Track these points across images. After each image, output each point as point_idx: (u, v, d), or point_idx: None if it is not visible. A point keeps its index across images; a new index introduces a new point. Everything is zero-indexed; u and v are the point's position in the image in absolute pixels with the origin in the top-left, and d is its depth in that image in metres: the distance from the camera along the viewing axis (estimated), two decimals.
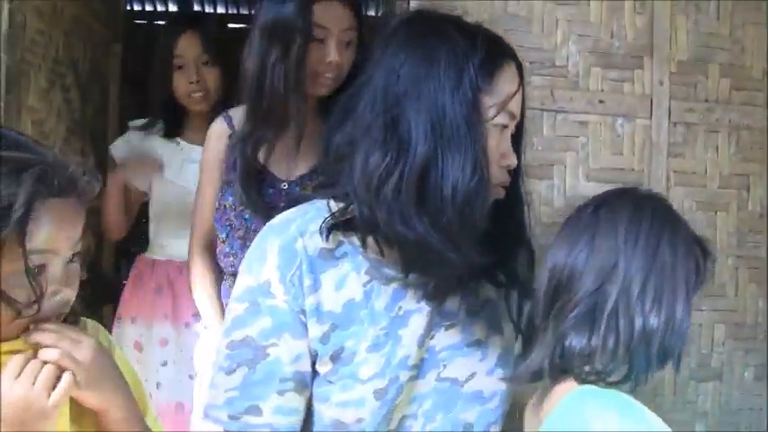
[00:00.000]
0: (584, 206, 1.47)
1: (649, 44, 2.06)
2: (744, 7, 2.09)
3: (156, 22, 4.90)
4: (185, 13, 4.20)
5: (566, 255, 1.40)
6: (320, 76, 1.96)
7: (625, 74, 2.06)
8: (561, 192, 2.05)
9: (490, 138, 1.34)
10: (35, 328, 1.22)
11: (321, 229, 1.37)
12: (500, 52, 1.38)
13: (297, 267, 1.36)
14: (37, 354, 1.21)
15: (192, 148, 2.60)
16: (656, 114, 2.07)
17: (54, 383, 1.20)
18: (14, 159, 1.19)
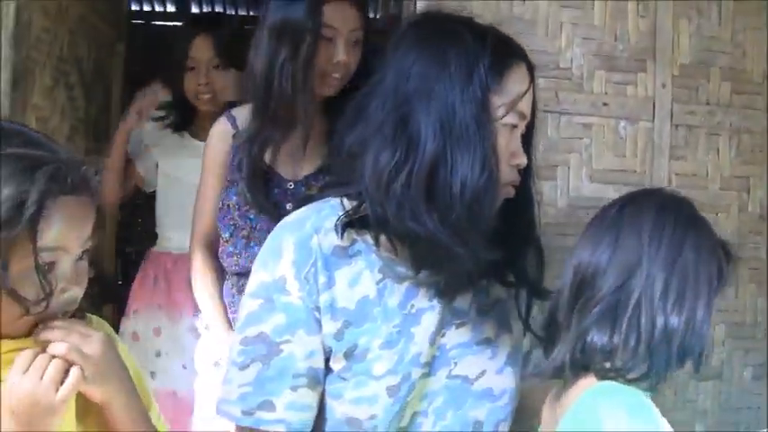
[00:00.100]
0: (609, 206, 1.49)
1: (652, 48, 2.09)
2: (745, 12, 2.13)
3: (158, 23, 4.91)
4: (203, 16, 4.25)
5: (590, 253, 1.42)
6: (328, 76, 1.98)
7: (628, 77, 2.09)
8: (564, 192, 2.07)
9: (500, 137, 1.36)
10: (44, 326, 1.23)
11: (336, 227, 1.39)
12: (510, 52, 1.40)
13: (312, 264, 1.37)
14: (45, 349, 1.22)
15: (197, 145, 2.62)
16: (659, 117, 2.10)
17: (62, 378, 1.20)
18: (28, 156, 1.19)
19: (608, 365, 1.36)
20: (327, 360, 1.40)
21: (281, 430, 1.36)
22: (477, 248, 1.33)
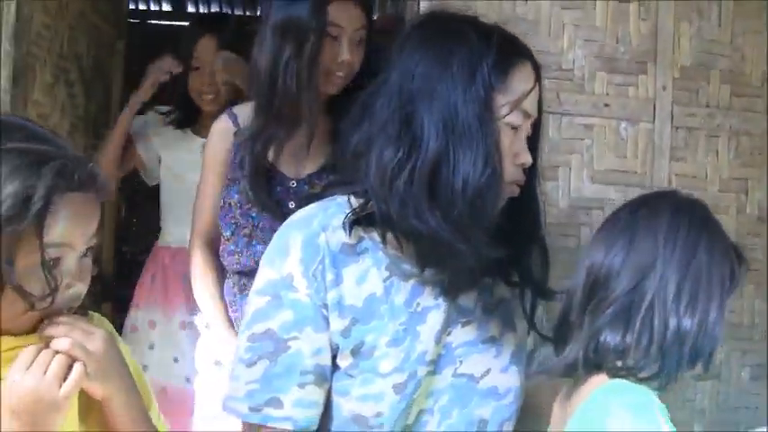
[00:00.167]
0: (623, 207, 1.51)
1: (653, 50, 2.10)
2: (745, 16, 2.14)
3: (159, 22, 4.92)
4: (208, 16, 4.30)
5: (604, 254, 1.43)
6: (332, 75, 1.98)
7: (629, 78, 2.10)
8: (566, 193, 2.08)
9: (503, 135, 1.37)
10: (49, 323, 1.22)
11: (344, 224, 1.39)
12: (515, 51, 1.41)
13: (320, 262, 1.38)
14: (48, 345, 1.21)
15: (200, 142, 2.64)
16: (659, 118, 2.11)
17: (65, 374, 1.20)
18: (34, 151, 1.19)
19: (620, 364, 1.37)
20: (334, 357, 1.40)
21: (288, 427, 1.37)
22: (479, 246, 1.34)
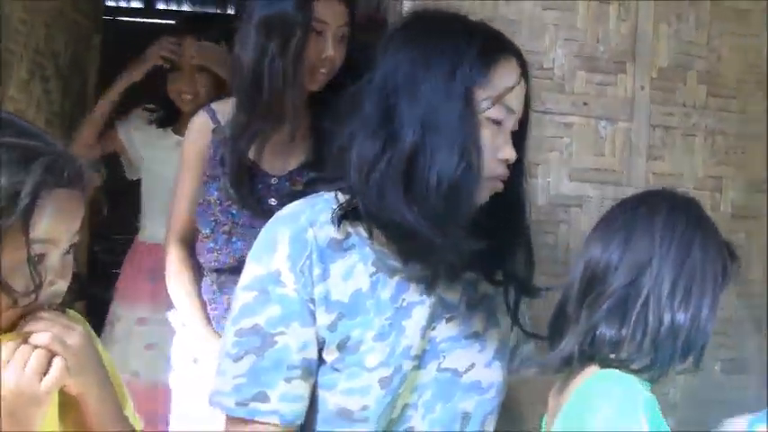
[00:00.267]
0: (621, 204, 1.55)
1: (632, 50, 2.13)
2: (721, 18, 2.18)
3: (136, 19, 4.90)
4: (191, 17, 4.31)
5: (601, 250, 1.47)
6: (315, 71, 1.98)
7: (608, 78, 2.13)
8: (545, 190, 2.10)
9: (485, 130, 1.38)
10: (32, 318, 1.22)
11: (332, 219, 1.40)
12: (498, 48, 1.42)
13: (307, 257, 1.39)
14: (27, 340, 1.21)
15: (180, 141, 2.62)
16: (637, 117, 2.14)
17: (45, 369, 1.19)
18: (23, 147, 1.18)
19: (613, 356, 1.41)
20: (320, 351, 1.41)
21: (275, 421, 1.37)
22: (456, 240, 1.36)
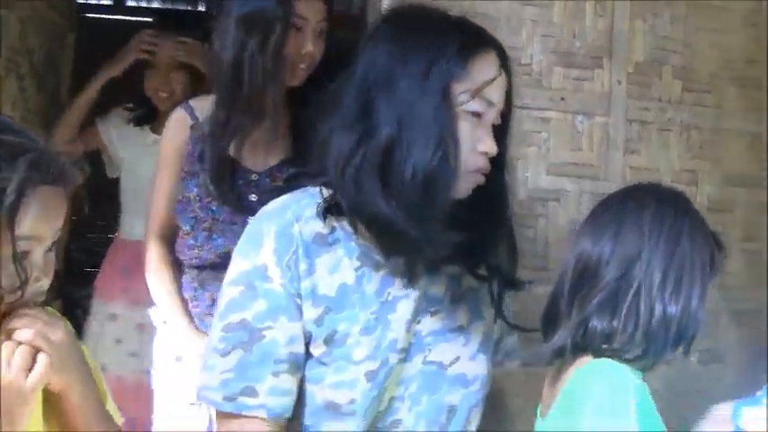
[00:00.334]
0: (610, 198, 1.59)
1: (608, 46, 2.16)
2: (696, 14, 2.22)
3: (111, 17, 4.88)
4: (165, 14, 4.32)
5: (592, 243, 1.51)
6: (295, 67, 1.98)
7: (585, 73, 2.15)
8: (523, 184, 2.12)
9: (464, 123, 1.39)
10: (14, 315, 1.22)
11: (318, 214, 1.41)
12: (477, 41, 1.43)
13: (293, 252, 1.39)
14: (11, 337, 1.21)
15: (158, 139, 2.62)
16: (614, 112, 2.17)
17: (30, 365, 1.20)
18: (8, 143, 1.19)
19: (605, 347, 1.45)
20: (307, 345, 1.42)
21: (263, 415, 1.38)
22: (434, 233, 1.37)
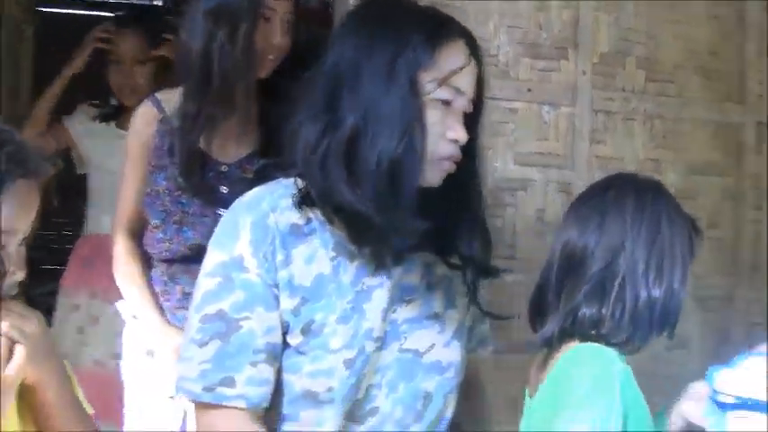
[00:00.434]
0: (592, 189, 1.66)
1: (573, 37, 2.19)
2: (659, 6, 2.26)
3: (69, 11, 4.82)
4: (131, 9, 4.29)
5: (578, 233, 1.58)
6: (264, 58, 1.98)
7: (551, 64, 2.19)
8: (492, 175, 2.14)
9: (432, 111, 1.39)
10: None
11: (294, 204, 1.41)
12: (446, 30, 1.43)
13: (270, 243, 1.40)
14: None
15: (123, 135, 2.61)
16: (579, 103, 2.20)
17: (7, 357, 1.19)
18: None
19: (593, 332, 1.51)
20: (284, 335, 1.42)
21: (241, 405, 1.38)
22: (400, 221, 1.38)
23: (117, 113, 2.93)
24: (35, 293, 3.06)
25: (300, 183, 1.44)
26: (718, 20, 2.31)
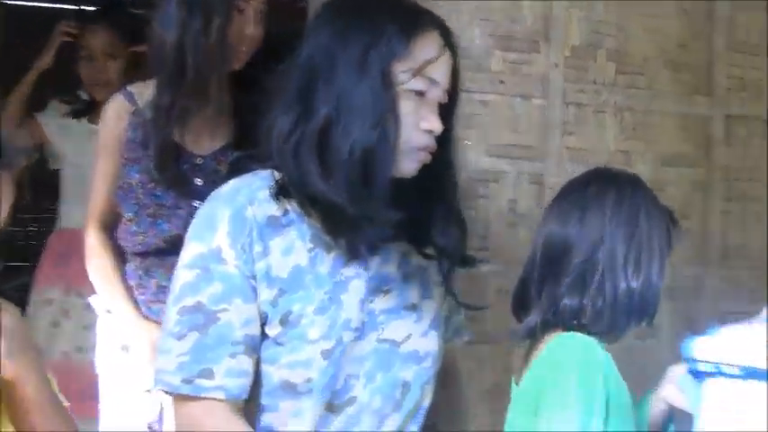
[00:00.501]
0: (571, 185, 1.69)
1: (545, 30, 2.20)
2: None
3: (36, 4, 4.78)
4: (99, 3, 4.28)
5: (559, 226, 1.63)
6: (238, 50, 1.98)
7: (523, 56, 2.20)
8: (464, 167, 2.15)
9: (406, 101, 1.40)
10: None
11: (272, 196, 1.42)
12: (420, 21, 1.44)
13: (248, 235, 1.40)
14: None
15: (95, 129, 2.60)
16: (551, 95, 2.21)
17: None
18: None
19: (575, 323, 1.56)
20: (263, 327, 1.42)
21: (220, 397, 1.38)
22: (373, 211, 1.39)
23: (89, 109, 2.93)
24: (7, 288, 3.06)
25: (277, 174, 1.44)
26: (687, 14, 2.34)
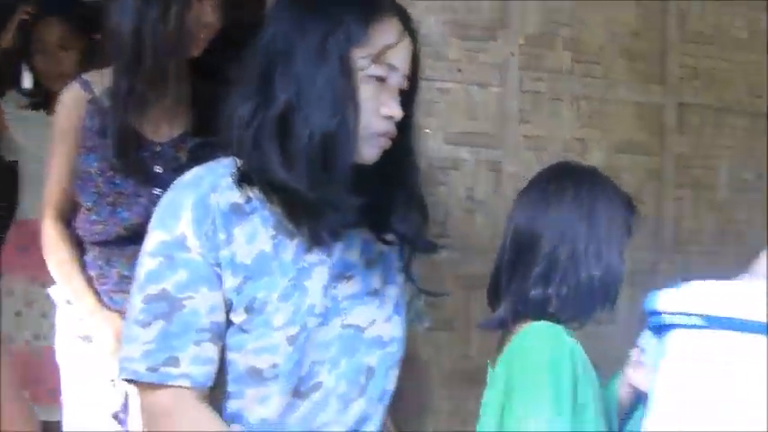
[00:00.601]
0: (536, 179, 1.79)
1: (501, 18, 2.22)
2: None
3: None
4: None
5: (526, 219, 1.73)
6: (196, 37, 1.97)
7: (480, 45, 2.22)
8: (424, 155, 2.16)
9: (365, 87, 1.41)
10: None
11: (236, 183, 1.42)
12: (379, 7, 1.44)
13: (211, 222, 1.39)
14: None
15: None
16: (508, 83, 2.24)
17: None
18: None
19: (543, 312, 1.65)
20: (228, 314, 1.42)
21: (186, 384, 1.38)
22: (333, 197, 1.39)
23: (46, 101, 2.90)
24: None
25: (239, 162, 1.44)
26: (641, 3, 2.37)
